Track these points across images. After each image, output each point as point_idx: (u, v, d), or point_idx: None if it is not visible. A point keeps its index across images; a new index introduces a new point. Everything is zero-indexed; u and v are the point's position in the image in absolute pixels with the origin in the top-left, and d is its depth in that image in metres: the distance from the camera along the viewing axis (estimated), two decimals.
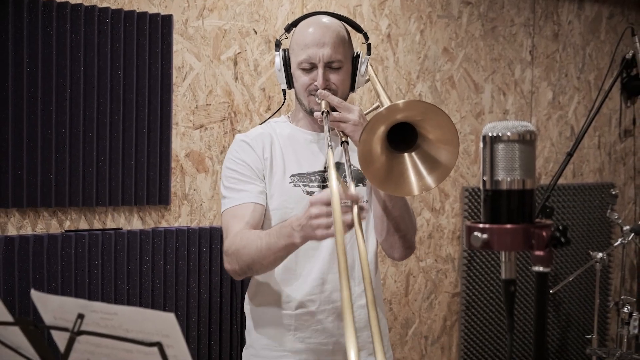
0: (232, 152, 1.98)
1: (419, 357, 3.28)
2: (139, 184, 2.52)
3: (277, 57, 1.94)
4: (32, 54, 2.32)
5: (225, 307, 2.65)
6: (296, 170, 1.94)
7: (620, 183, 3.94)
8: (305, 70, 1.90)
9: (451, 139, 1.63)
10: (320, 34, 1.88)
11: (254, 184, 1.91)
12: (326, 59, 1.87)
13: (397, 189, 1.69)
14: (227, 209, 1.92)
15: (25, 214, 2.37)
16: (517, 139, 1.08)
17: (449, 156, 1.65)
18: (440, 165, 1.66)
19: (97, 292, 2.43)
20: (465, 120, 3.35)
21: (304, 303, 1.92)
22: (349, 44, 1.95)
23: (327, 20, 1.94)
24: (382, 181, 1.66)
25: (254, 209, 1.89)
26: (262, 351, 1.96)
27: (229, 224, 1.90)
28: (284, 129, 2.01)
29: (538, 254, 1.07)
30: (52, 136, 2.36)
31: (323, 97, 1.86)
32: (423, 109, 1.61)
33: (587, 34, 3.74)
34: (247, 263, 1.82)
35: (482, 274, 3.40)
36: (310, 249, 1.91)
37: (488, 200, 1.10)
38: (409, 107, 1.63)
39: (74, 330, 1.20)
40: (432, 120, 1.62)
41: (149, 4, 2.54)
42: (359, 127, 1.81)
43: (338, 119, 1.84)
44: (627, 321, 3.09)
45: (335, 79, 1.89)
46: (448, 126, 1.62)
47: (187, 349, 1.14)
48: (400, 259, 2.04)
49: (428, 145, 1.66)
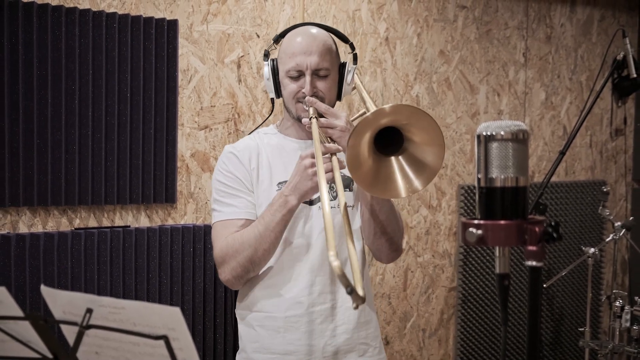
0: (220, 164, 1.99)
1: (417, 349, 3.32)
2: (146, 183, 2.53)
3: (266, 66, 1.96)
4: (42, 58, 2.33)
5: (229, 302, 2.66)
6: (283, 178, 1.94)
7: (612, 181, 3.97)
8: (293, 78, 1.91)
9: (436, 141, 1.63)
10: (308, 42, 1.89)
11: (243, 197, 1.93)
12: (313, 66, 1.88)
13: (385, 192, 1.69)
14: (217, 222, 1.94)
15: (36, 213, 2.40)
16: (510, 138, 1.08)
17: (435, 158, 1.64)
18: (427, 168, 1.65)
19: (105, 288, 2.44)
20: (461, 121, 3.38)
21: (292, 305, 1.91)
22: (336, 54, 1.97)
23: (315, 30, 1.95)
24: (370, 184, 1.66)
25: (244, 224, 1.90)
26: (253, 354, 1.96)
27: (217, 238, 1.92)
28: (272, 139, 2.02)
29: (531, 249, 1.08)
30: (62, 137, 2.37)
31: (311, 104, 1.86)
32: (408, 113, 1.61)
33: (579, 36, 3.76)
34: (248, 257, 1.83)
35: (478, 269, 3.42)
36: (299, 253, 1.92)
37: (482, 197, 1.11)
38: (395, 111, 1.62)
39: (83, 325, 1.21)
40: (418, 124, 1.62)
41: (155, 9, 2.56)
42: (346, 133, 1.82)
43: (325, 125, 1.84)
44: (619, 314, 3.10)
45: (323, 87, 1.91)
46: (433, 129, 1.61)
47: (192, 342, 1.15)
48: (387, 261, 2.05)
49: (414, 148, 1.66)
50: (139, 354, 1.21)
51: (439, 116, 3.31)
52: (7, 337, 1.29)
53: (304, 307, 1.92)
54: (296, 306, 1.92)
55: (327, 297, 1.94)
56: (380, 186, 1.67)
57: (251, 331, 1.98)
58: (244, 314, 2.01)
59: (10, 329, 1.28)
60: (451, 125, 3.36)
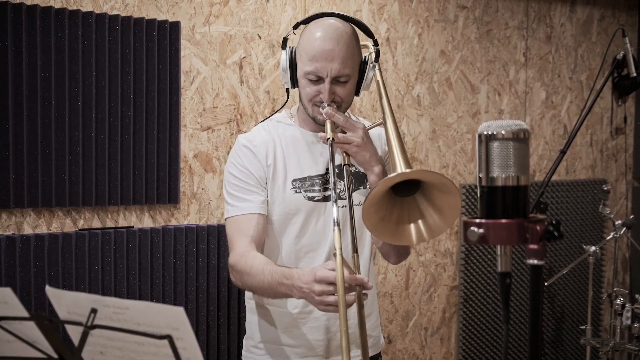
0: (234, 157, 1.94)
1: (419, 347, 3.33)
2: (150, 184, 2.55)
3: (284, 54, 1.87)
4: (46, 60, 2.34)
5: (232, 302, 2.68)
6: (298, 175, 1.91)
7: (612, 179, 3.98)
8: (311, 81, 1.83)
9: (453, 210, 1.63)
10: (330, 46, 1.79)
11: (257, 192, 1.90)
12: (334, 74, 1.80)
13: (394, 239, 1.72)
14: (231, 217, 1.92)
15: (41, 214, 2.41)
16: (511, 137, 1.08)
17: (447, 221, 1.66)
18: (437, 226, 1.66)
19: (110, 288, 2.46)
20: (462, 120, 3.39)
21: (300, 303, 1.91)
22: (358, 53, 1.87)
23: (339, 28, 1.83)
24: (391, 236, 1.69)
25: (257, 220, 1.88)
26: (260, 344, 1.98)
27: (233, 237, 1.91)
28: (286, 130, 1.97)
29: (532, 248, 1.07)
30: (65, 139, 2.38)
31: (329, 117, 1.81)
32: (437, 181, 1.60)
33: (579, 35, 3.77)
34: (249, 288, 1.87)
35: (479, 268, 3.43)
36: (309, 251, 1.92)
37: (484, 196, 1.10)
38: (422, 175, 1.64)
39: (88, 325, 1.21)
40: (441, 190, 1.62)
41: (158, 11, 2.58)
42: (362, 148, 1.81)
43: (342, 140, 1.81)
44: (619, 312, 3.11)
45: (342, 92, 1.84)
46: (454, 200, 1.62)
47: (196, 341, 1.15)
48: (395, 263, 2.06)
49: (429, 204, 1.66)
50: (144, 353, 1.21)
51: (440, 116, 3.33)
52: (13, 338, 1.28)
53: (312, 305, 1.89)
54: (304, 303, 1.90)
55: None
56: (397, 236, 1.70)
57: (259, 322, 1.99)
58: (252, 304, 2.02)
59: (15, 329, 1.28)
60: (452, 125, 3.37)
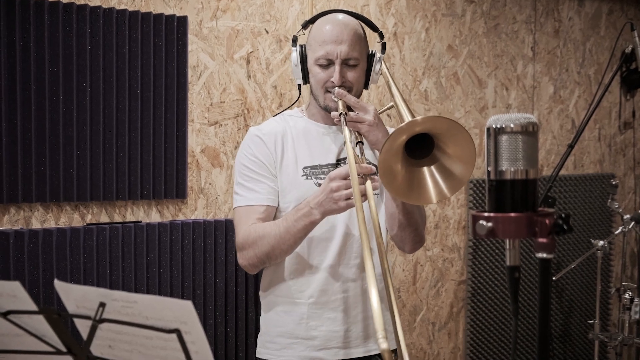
0: (245, 148, 1.98)
1: (427, 342, 3.33)
2: (157, 178, 2.55)
3: (294, 52, 1.94)
4: (54, 55, 2.34)
5: (240, 296, 2.68)
6: (308, 163, 1.94)
7: (621, 174, 3.97)
8: (322, 66, 1.89)
9: (469, 158, 1.63)
10: (338, 31, 1.87)
11: (266, 182, 1.92)
12: (343, 55, 1.87)
13: (418, 199, 1.72)
14: (240, 206, 1.95)
15: (49, 208, 2.41)
16: (520, 131, 1.08)
17: (464, 171, 1.65)
18: (456, 178, 1.66)
19: (118, 283, 2.46)
20: (469, 115, 3.39)
21: (316, 293, 1.93)
22: (365, 42, 1.95)
23: (345, 18, 1.93)
24: (404, 194, 1.69)
25: (266, 210, 1.91)
26: (276, 338, 1.99)
27: (238, 225, 1.94)
28: (298, 122, 2.01)
29: (541, 241, 1.07)
30: (73, 133, 2.38)
31: (340, 97, 1.86)
32: (446, 126, 1.61)
33: (587, 29, 3.76)
34: (265, 252, 1.85)
35: (487, 262, 3.43)
36: (322, 240, 1.93)
37: (492, 190, 1.10)
38: (431, 121, 1.64)
39: (96, 318, 1.21)
40: (454, 137, 1.62)
41: (165, 5, 2.58)
42: (374, 127, 1.85)
43: (355, 119, 1.85)
44: (628, 307, 3.11)
45: (351, 77, 1.90)
46: (468, 145, 1.62)
47: (204, 335, 1.15)
48: (410, 251, 2.07)
49: (445, 159, 1.67)
50: (152, 347, 1.21)
51: (448, 110, 3.32)
52: (22, 331, 1.29)
53: (327, 296, 1.94)
54: (320, 294, 1.93)
55: (349, 285, 1.96)
56: (414, 194, 1.69)
57: (275, 316, 2.00)
58: (268, 299, 2.03)
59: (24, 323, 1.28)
60: (460, 119, 3.36)
